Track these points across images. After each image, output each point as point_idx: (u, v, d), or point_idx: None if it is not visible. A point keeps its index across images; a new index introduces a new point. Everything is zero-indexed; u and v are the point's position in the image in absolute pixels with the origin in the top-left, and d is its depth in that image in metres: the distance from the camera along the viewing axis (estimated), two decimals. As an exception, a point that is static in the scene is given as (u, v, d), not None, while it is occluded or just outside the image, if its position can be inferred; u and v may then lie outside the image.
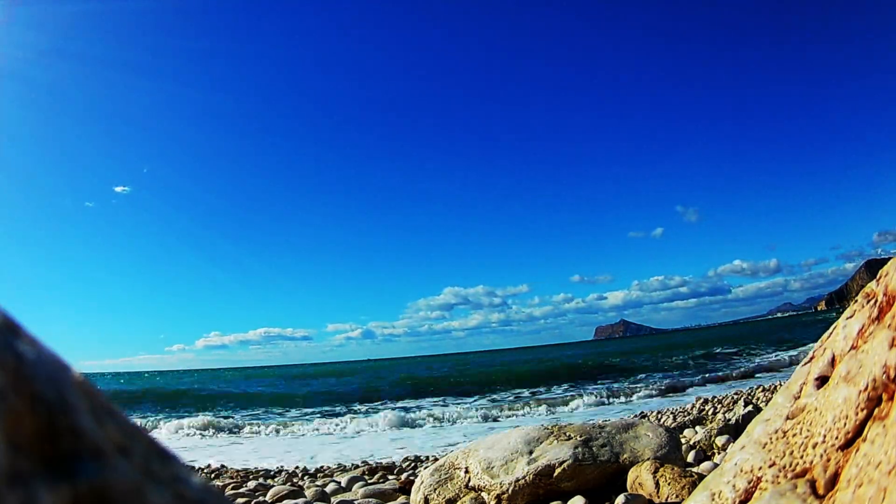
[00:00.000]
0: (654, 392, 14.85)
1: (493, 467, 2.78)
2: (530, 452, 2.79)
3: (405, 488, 3.86)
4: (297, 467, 6.98)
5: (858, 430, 1.04)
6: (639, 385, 16.25)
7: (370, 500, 3.65)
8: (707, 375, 17.45)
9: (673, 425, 6.02)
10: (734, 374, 17.54)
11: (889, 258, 1.15)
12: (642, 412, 10.19)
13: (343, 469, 6.56)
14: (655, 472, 2.43)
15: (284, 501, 3.81)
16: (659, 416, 8.57)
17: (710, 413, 7.43)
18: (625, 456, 2.74)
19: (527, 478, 2.66)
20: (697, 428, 5.38)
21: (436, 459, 6.24)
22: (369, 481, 4.61)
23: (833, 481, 1.04)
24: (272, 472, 6.43)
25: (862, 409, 1.04)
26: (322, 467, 6.93)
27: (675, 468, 2.45)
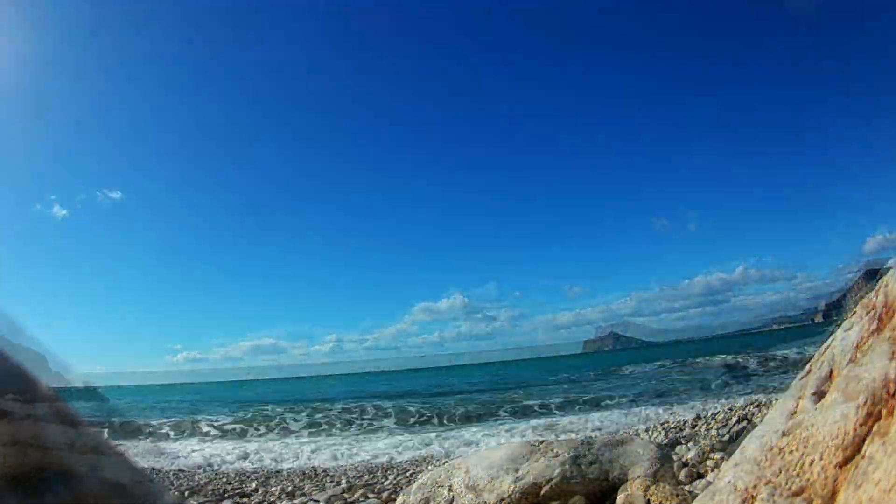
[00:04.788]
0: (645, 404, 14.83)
1: (477, 485, 2.69)
2: (516, 470, 2.70)
3: (389, 507, 3.74)
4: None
5: (857, 447, 1.00)
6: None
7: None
8: (700, 389, 17.42)
9: (665, 442, 5.95)
10: (728, 388, 17.52)
11: (888, 267, 1.12)
12: (633, 428, 10.10)
13: (321, 488, 6.30)
14: (646, 490, 2.37)
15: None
16: (649, 432, 8.49)
17: (702, 429, 7.35)
18: (614, 473, 2.67)
19: (512, 496, 2.58)
20: (690, 444, 5.31)
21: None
22: (349, 500, 4.46)
23: (831, 500, 1.00)
24: (248, 492, 6.18)
25: (861, 425, 1.00)
26: (298, 485, 6.65)
27: (667, 486, 2.38)
